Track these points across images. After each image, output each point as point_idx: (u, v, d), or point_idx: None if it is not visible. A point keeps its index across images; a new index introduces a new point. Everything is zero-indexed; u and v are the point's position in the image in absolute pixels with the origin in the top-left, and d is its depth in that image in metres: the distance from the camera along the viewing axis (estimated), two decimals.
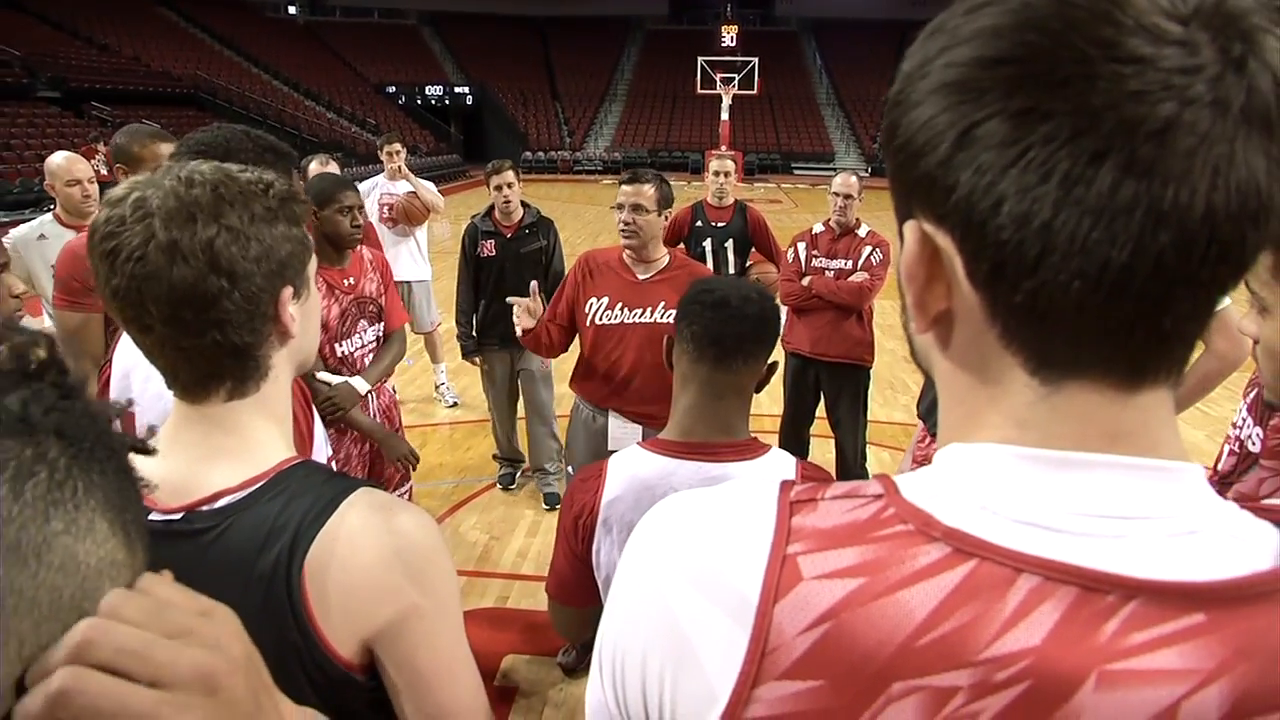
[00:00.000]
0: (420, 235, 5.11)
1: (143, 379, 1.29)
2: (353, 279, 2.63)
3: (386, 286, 2.76)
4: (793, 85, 36.07)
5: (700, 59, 28.72)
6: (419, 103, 33.28)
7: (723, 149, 16.90)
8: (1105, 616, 0.37)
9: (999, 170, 0.37)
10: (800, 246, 3.72)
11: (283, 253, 0.80)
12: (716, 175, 4.14)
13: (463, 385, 5.45)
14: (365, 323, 2.67)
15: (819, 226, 3.77)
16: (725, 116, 26.19)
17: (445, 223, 13.02)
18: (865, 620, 0.40)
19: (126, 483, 0.48)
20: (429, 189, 5.02)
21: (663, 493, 1.25)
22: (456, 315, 3.92)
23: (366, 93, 33.00)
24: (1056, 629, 0.38)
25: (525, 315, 2.61)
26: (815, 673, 0.40)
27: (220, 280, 0.75)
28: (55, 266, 2.45)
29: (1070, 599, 0.38)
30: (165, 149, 2.30)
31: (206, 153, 1.36)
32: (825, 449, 4.08)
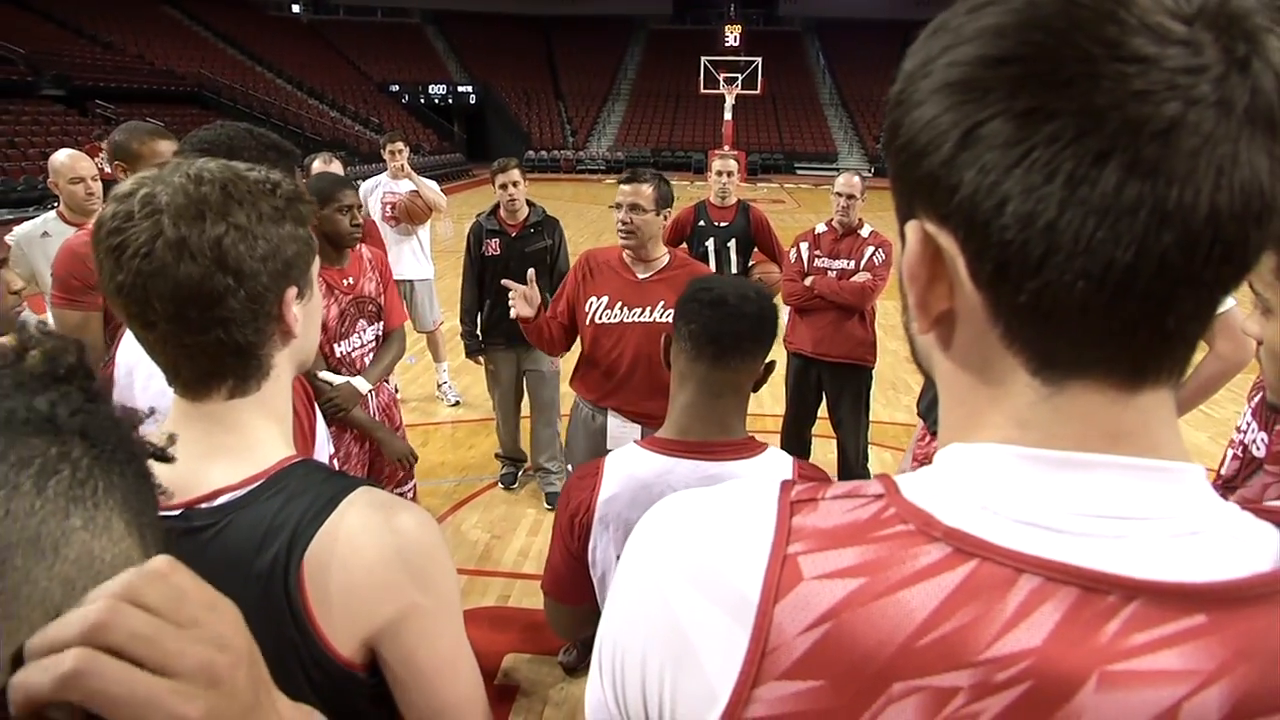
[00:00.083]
0: (423, 234, 5.11)
1: (145, 376, 1.29)
2: (352, 279, 2.64)
3: (385, 285, 2.76)
4: (796, 85, 36.07)
5: (704, 59, 28.70)
6: (422, 101, 33.32)
7: (726, 149, 16.88)
8: (1106, 617, 0.37)
9: (1003, 170, 0.37)
10: (803, 247, 3.72)
11: (289, 253, 0.80)
12: (719, 175, 4.14)
13: (465, 384, 5.45)
14: (364, 322, 2.67)
15: (822, 226, 3.76)
16: (728, 116, 26.21)
17: (448, 222, 13.03)
18: (866, 620, 0.40)
19: (144, 486, 0.51)
20: (432, 188, 5.03)
21: (659, 491, 1.25)
22: (460, 314, 3.92)
23: (370, 91, 33.04)
24: (1057, 630, 0.37)
25: (522, 302, 2.58)
26: (815, 673, 0.40)
27: (227, 279, 0.75)
28: (53, 265, 2.45)
29: (1071, 600, 0.38)
30: (164, 146, 2.30)
31: (210, 151, 1.37)
32: (827, 449, 4.08)
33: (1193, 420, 4.47)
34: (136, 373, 1.32)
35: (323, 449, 1.39)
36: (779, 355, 1.44)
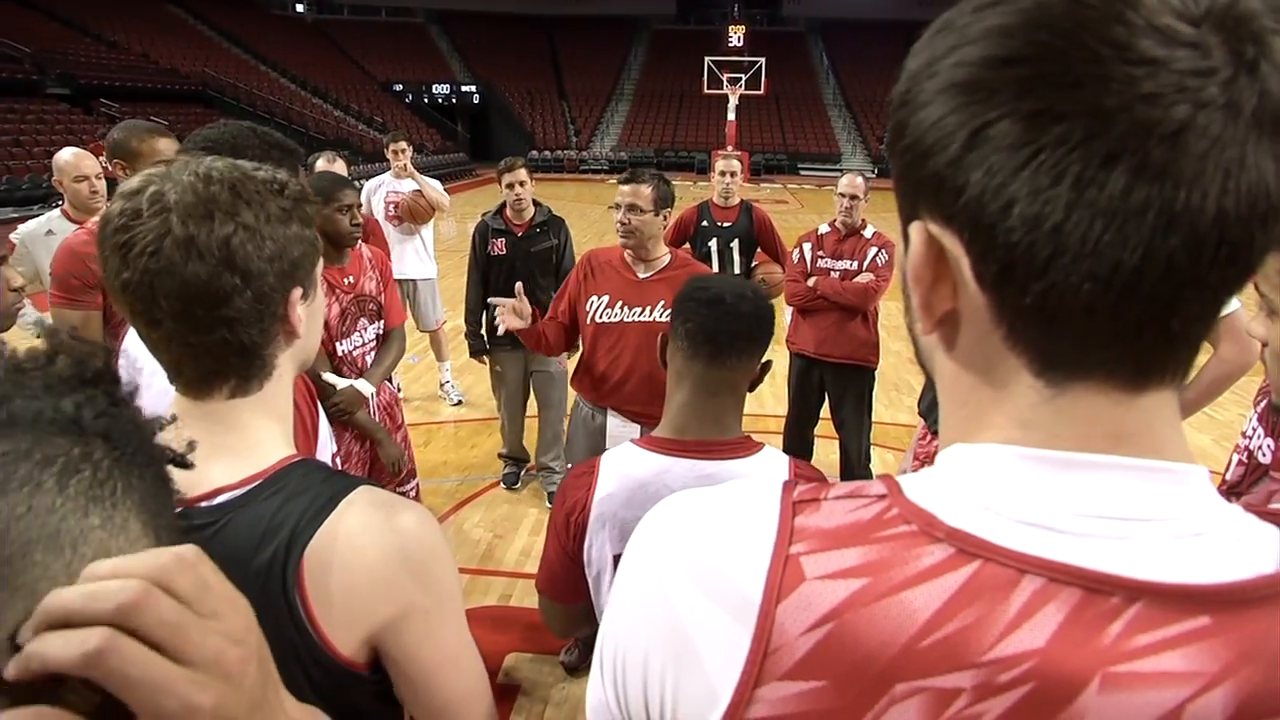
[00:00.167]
0: (426, 233, 5.12)
1: (148, 374, 1.28)
2: (352, 278, 2.64)
3: (385, 284, 2.77)
4: (799, 85, 36.05)
5: (707, 59, 28.70)
6: (425, 101, 33.34)
7: (729, 149, 16.86)
8: (1110, 618, 0.37)
9: (1010, 172, 0.37)
10: (806, 247, 3.72)
11: (295, 253, 0.80)
12: (722, 175, 4.14)
13: (467, 383, 5.46)
14: (365, 321, 2.68)
15: (825, 227, 3.76)
16: (732, 116, 26.19)
17: (451, 221, 13.04)
18: (868, 621, 0.40)
19: (162, 489, 0.53)
20: (435, 187, 5.03)
21: (656, 490, 1.25)
22: (465, 314, 3.92)
23: (373, 91, 33.06)
24: (1060, 631, 0.37)
25: (511, 315, 2.57)
26: (818, 673, 0.40)
27: (234, 278, 0.75)
28: (52, 264, 2.46)
29: (1074, 601, 0.38)
30: (163, 144, 2.30)
31: (214, 149, 1.37)
32: (830, 450, 4.08)
33: (1196, 423, 4.46)
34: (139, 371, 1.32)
35: (325, 447, 1.39)
36: (779, 355, 1.43)
